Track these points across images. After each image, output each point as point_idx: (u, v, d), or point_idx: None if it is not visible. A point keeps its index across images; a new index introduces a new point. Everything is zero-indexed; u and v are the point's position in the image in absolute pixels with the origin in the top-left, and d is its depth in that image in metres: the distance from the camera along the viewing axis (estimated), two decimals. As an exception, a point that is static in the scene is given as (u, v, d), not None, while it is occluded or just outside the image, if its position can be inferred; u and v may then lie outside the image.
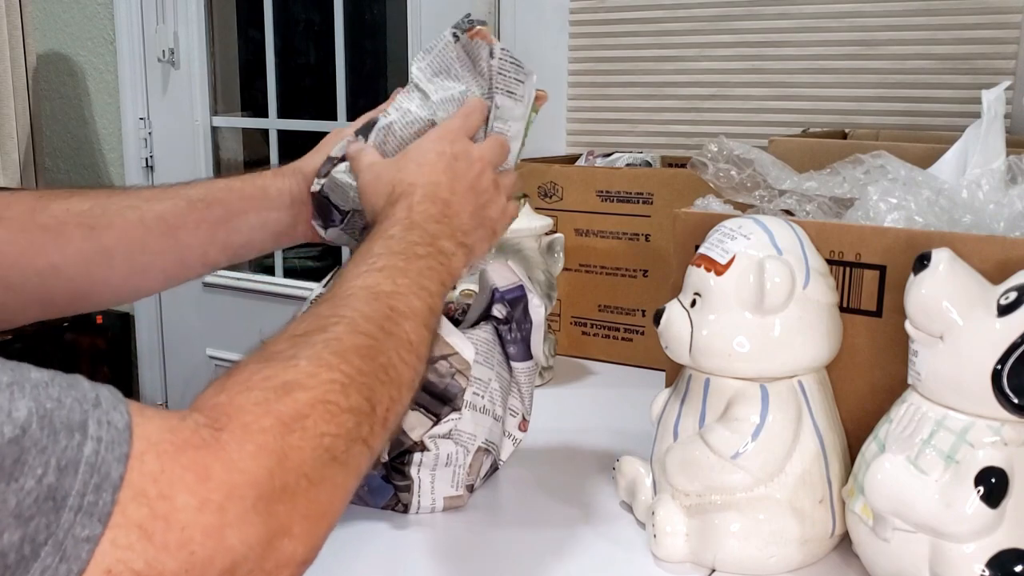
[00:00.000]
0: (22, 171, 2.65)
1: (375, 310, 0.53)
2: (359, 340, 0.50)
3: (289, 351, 0.47)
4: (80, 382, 0.38)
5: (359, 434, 0.47)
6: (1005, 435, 0.58)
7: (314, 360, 0.47)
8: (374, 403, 0.49)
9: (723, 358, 0.66)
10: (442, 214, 0.64)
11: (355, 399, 0.47)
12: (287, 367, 0.46)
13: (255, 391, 0.44)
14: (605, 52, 1.68)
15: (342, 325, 0.50)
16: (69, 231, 0.69)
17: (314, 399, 0.45)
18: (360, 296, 0.54)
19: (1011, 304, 0.56)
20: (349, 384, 0.47)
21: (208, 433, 0.41)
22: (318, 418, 0.44)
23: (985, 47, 1.40)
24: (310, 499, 0.43)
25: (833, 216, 0.75)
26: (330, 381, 0.46)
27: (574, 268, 1.19)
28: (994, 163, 0.72)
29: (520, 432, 0.84)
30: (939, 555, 0.59)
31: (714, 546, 0.66)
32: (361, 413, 0.47)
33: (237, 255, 0.77)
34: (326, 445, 0.44)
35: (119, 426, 0.37)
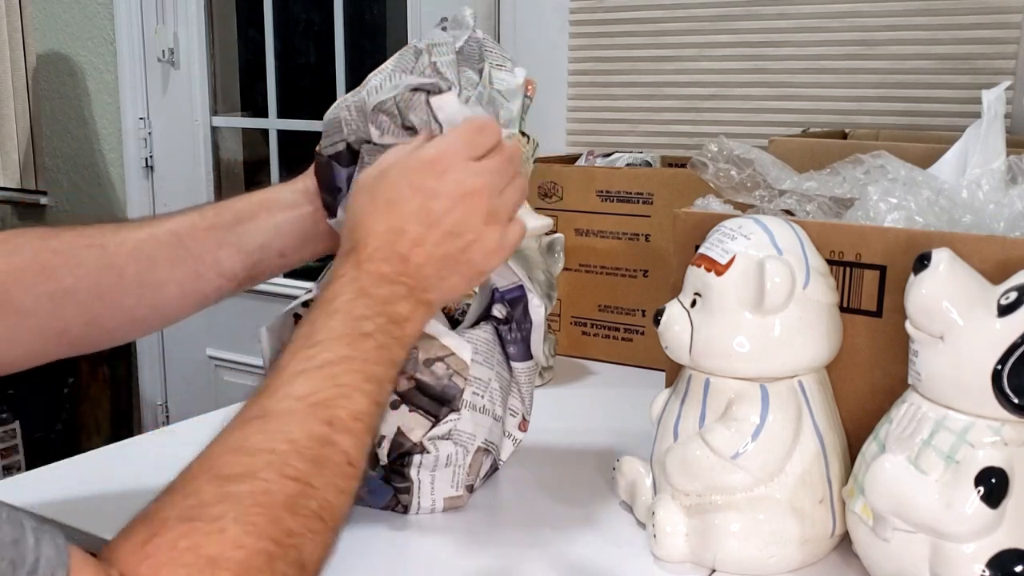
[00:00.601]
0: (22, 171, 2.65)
1: (309, 434, 0.49)
2: (289, 488, 0.47)
3: (216, 507, 0.45)
4: (25, 537, 0.37)
5: None
6: (1005, 435, 0.58)
7: (241, 523, 0.44)
8: (304, 563, 0.47)
9: (723, 358, 0.66)
10: (398, 273, 0.58)
11: (281, 568, 0.45)
12: (213, 533, 0.43)
13: (180, 567, 0.42)
14: (605, 52, 1.68)
15: (272, 469, 0.47)
16: (80, 253, 0.68)
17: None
18: (296, 414, 0.50)
19: (1011, 304, 0.56)
20: (276, 552, 0.45)
21: None
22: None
23: (985, 47, 1.40)
24: None
25: (833, 216, 0.75)
26: (256, 552, 0.44)
27: (574, 268, 1.19)
28: (994, 163, 0.72)
29: (520, 432, 0.84)
30: (939, 555, 0.59)
31: (714, 546, 0.66)
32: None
33: (257, 264, 0.73)
34: None
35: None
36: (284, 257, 0.74)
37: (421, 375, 0.72)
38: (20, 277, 0.65)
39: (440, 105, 0.65)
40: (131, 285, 0.69)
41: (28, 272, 0.66)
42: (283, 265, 0.74)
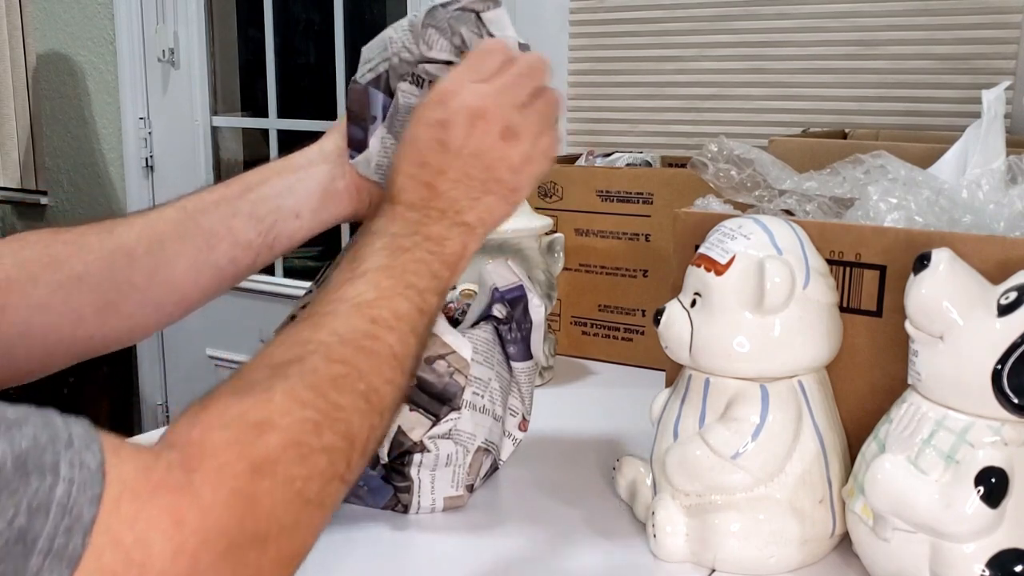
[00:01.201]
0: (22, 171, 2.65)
1: (354, 328, 0.51)
2: (336, 370, 0.49)
3: (265, 382, 0.46)
4: (53, 420, 0.38)
5: (334, 472, 0.46)
6: (1005, 435, 0.58)
7: (289, 395, 0.46)
8: (352, 437, 0.48)
9: (723, 358, 0.66)
10: (426, 200, 0.60)
11: (329, 438, 0.46)
12: (261, 402, 0.45)
13: (228, 429, 0.43)
14: (605, 52, 1.68)
15: (319, 354, 0.49)
16: (89, 240, 0.67)
17: (286, 441, 0.44)
18: (340, 313, 0.52)
19: (1011, 304, 0.56)
20: (323, 422, 0.46)
21: (181, 475, 0.40)
22: (289, 462, 0.44)
23: (985, 47, 1.40)
24: (281, 545, 0.43)
25: (833, 216, 0.75)
26: (303, 420, 0.45)
27: (574, 268, 1.19)
28: (994, 163, 0.72)
29: (520, 432, 0.84)
30: (939, 555, 0.59)
31: (714, 546, 0.66)
32: (336, 451, 0.46)
33: (272, 229, 0.70)
34: (297, 489, 0.44)
35: (91, 467, 0.37)
36: (300, 219, 0.71)
37: (422, 372, 0.72)
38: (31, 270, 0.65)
39: (491, 19, 0.68)
40: (142, 263, 0.68)
41: (38, 263, 0.65)
42: (301, 228, 0.72)
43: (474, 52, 0.64)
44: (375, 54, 0.71)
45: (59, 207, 2.53)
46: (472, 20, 0.68)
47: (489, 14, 0.68)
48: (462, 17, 0.68)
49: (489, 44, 0.65)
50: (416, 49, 0.69)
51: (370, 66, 0.71)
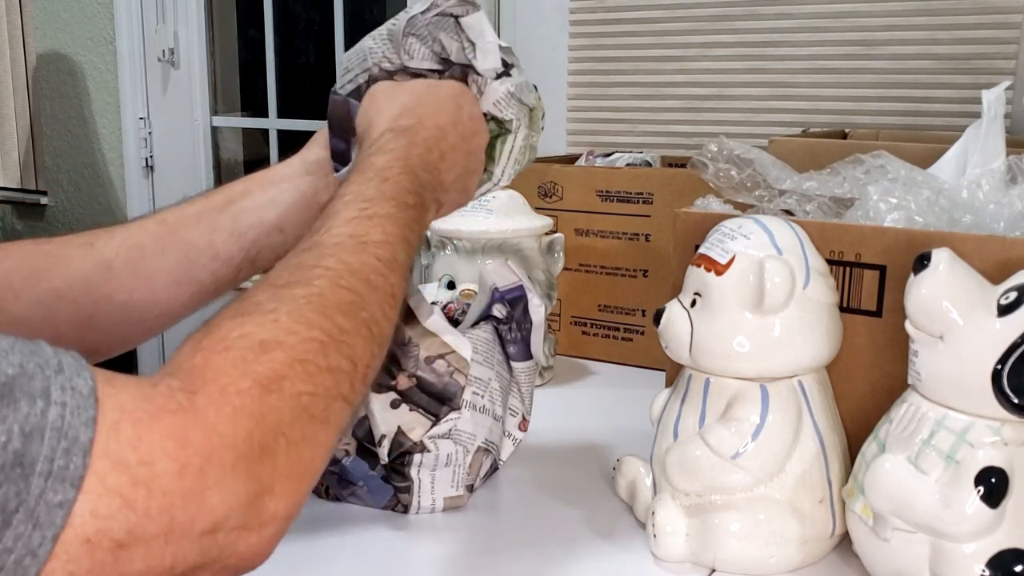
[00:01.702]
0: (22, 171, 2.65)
1: (362, 262, 0.52)
2: (342, 295, 0.49)
3: (269, 304, 0.46)
4: (42, 348, 0.38)
5: (339, 392, 0.46)
6: (1005, 435, 0.58)
7: (294, 316, 0.46)
8: (355, 360, 0.48)
9: (723, 358, 0.66)
10: (435, 166, 0.62)
11: (335, 358, 0.46)
12: (266, 323, 0.45)
13: (232, 351, 0.43)
14: (605, 52, 1.68)
15: (325, 279, 0.49)
16: (69, 252, 0.67)
17: (292, 358, 0.44)
18: (347, 246, 0.52)
19: (1011, 304, 0.56)
20: (329, 343, 0.46)
21: (184, 397, 0.40)
22: (296, 378, 0.44)
23: (985, 47, 1.40)
24: (290, 458, 0.43)
25: (833, 216, 0.75)
26: (309, 340, 0.45)
27: (574, 268, 1.19)
28: (994, 163, 0.72)
29: (520, 432, 0.84)
30: (939, 555, 0.59)
31: (714, 546, 0.66)
32: (341, 372, 0.46)
33: (255, 243, 0.70)
34: (304, 404, 0.44)
35: (83, 391, 0.37)
36: (284, 232, 0.71)
37: (422, 372, 0.72)
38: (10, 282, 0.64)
39: (470, 24, 0.68)
40: (121, 278, 0.67)
41: (18, 276, 0.65)
42: (284, 243, 0.71)
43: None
44: (354, 64, 0.71)
45: (59, 207, 2.53)
46: (451, 25, 0.68)
47: (468, 19, 0.68)
48: (440, 23, 0.68)
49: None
50: (396, 59, 0.69)
51: (349, 76, 0.71)
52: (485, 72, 0.68)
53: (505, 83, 0.68)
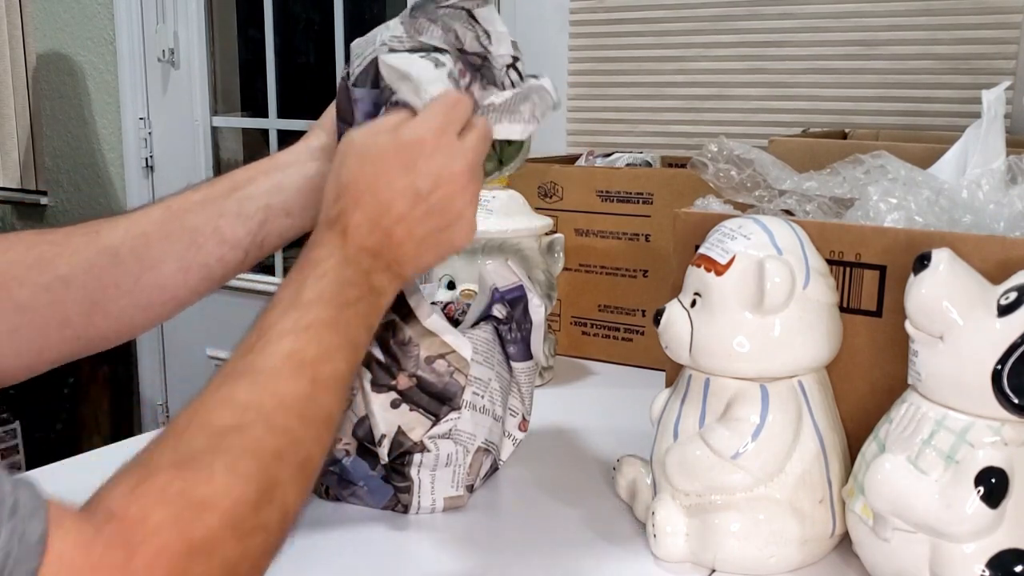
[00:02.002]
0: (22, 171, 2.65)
1: (296, 393, 0.51)
2: (278, 442, 0.48)
3: (206, 456, 0.45)
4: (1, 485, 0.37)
5: (267, 547, 0.46)
6: (1005, 435, 0.58)
7: (230, 471, 0.45)
8: (287, 511, 0.48)
9: (723, 358, 0.66)
10: (381, 245, 0.58)
11: (266, 514, 0.46)
12: (201, 480, 0.44)
13: (170, 507, 0.42)
14: (605, 52, 1.68)
15: (260, 424, 0.48)
16: (75, 240, 0.66)
17: (225, 522, 0.44)
18: (283, 371, 0.51)
19: (1011, 304, 0.56)
20: (262, 500, 0.46)
21: (121, 555, 0.39)
22: (226, 543, 0.44)
23: (985, 47, 1.40)
24: None
25: (833, 216, 0.75)
26: (243, 502, 0.45)
27: (574, 268, 1.19)
28: (994, 163, 0.72)
29: (520, 432, 0.84)
30: (939, 555, 0.59)
31: (714, 546, 0.66)
32: (271, 527, 0.47)
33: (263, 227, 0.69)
34: (231, 567, 0.44)
35: (31, 540, 0.36)
36: (291, 216, 0.70)
37: (422, 372, 0.72)
38: (15, 271, 0.64)
39: (484, 16, 0.67)
40: (128, 264, 0.67)
41: (23, 264, 0.64)
42: (292, 227, 0.71)
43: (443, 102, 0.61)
44: (364, 49, 0.70)
45: (59, 207, 2.53)
46: (464, 17, 0.67)
47: (482, 11, 0.67)
48: (454, 14, 0.67)
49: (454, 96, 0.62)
50: (407, 38, 0.68)
51: (359, 61, 0.69)
52: (499, 59, 0.67)
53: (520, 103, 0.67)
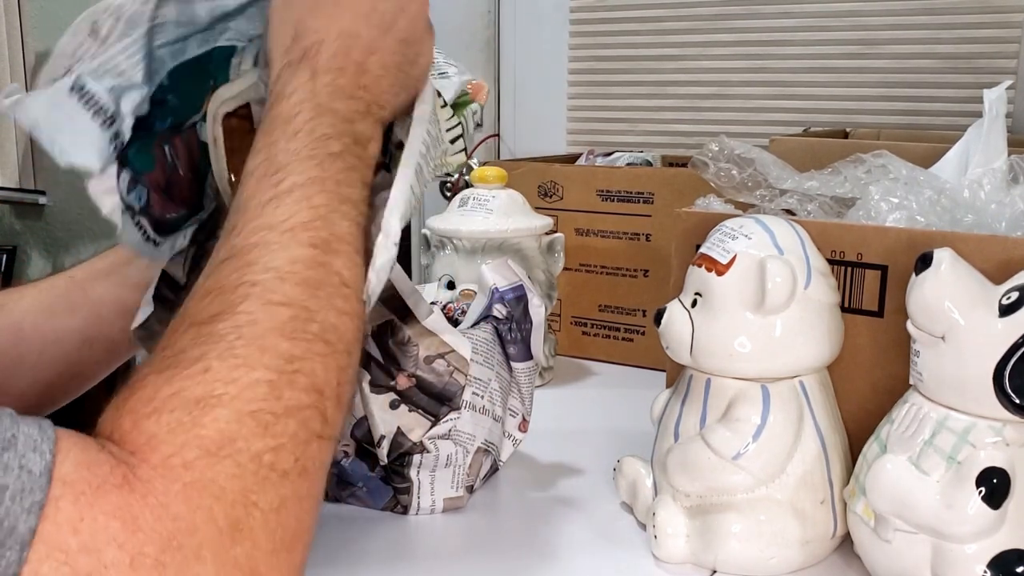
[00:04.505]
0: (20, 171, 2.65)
1: (292, 259, 0.43)
2: (279, 314, 0.41)
3: (194, 351, 0.39)
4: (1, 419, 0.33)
5: (309, 433, 0.39)
6: (1007, 436, 0.57)
7: (227, 359, 0.38)
8: (319, 388, 0.40)
9: (724, 358, 0.66)
10: (356, 84, 0.50)
11: (291, 396, 0.39)
12: (195, 374, 0.38)
13: (164, 413, 0.36)
14: (605, 51, 1.68)
15: (253, 299, 0.41)
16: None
17: (239, 412, 0.37)
18: (271, 242, 0.43)
19: (1013, 304, 0.56)
20: (278, 380, 0.39)
21: (126, 471, 0.34)
22: (250, 436, 0.37)
23: (987, 46, 1.40)
24: (270, 530, 0.37)
25: (834, 216, 0.75)
26: (254, 384, 0.38)
27: (574, 268, 1.18)
28: (996, 163, 0.72)
29: (520, 433, 0.84)
30: (941, 556, 0.59)
31: (715, 547, 0.66)
32: (304, 409, 0.39)
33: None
34: (269, 463, 0.37)
35: (34, 470, 0.31)
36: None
37: (422, 372, 0.72)
38: None
39: None
40: (31, 341, 0.63)
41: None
42: None
43: None
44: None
45: (58, 207, 2.52)
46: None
47: None
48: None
49: None
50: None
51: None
52: None
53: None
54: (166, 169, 0.60)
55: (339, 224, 0.46)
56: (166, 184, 0.60)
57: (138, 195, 0.59)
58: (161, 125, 0.59)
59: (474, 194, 1.07)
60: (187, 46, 0.57)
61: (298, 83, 0.49)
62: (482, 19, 1.78)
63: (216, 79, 0.58)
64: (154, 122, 0.58)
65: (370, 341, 0.70)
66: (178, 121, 0.60)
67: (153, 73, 0.56)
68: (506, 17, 1.75)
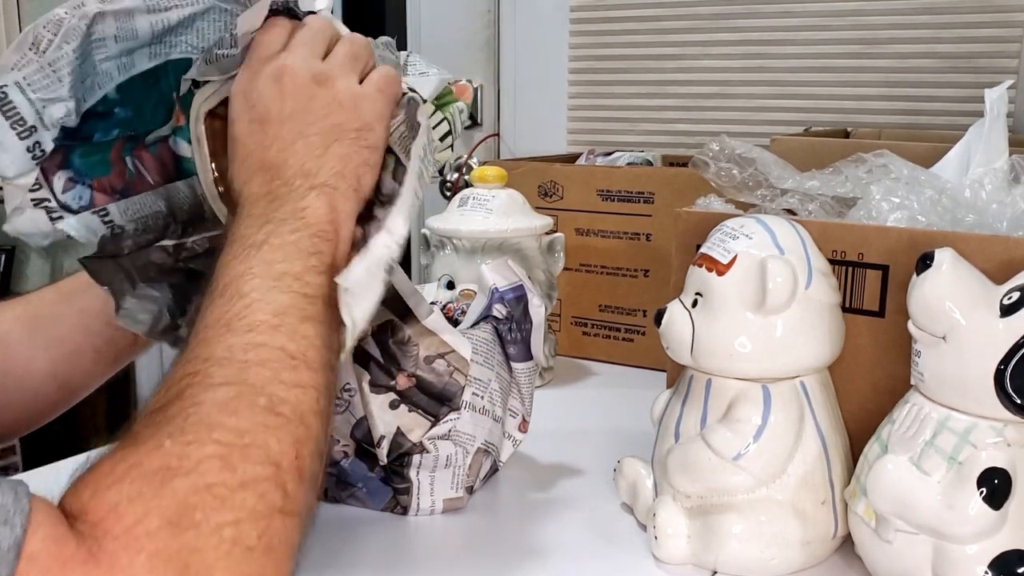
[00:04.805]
0: (22, 170, 2.65)
1: (229, 346, 0.45)
2: (221, 393, 0.42)
3: (146, 433, 0.40)
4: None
5: (269, 507, 0.39)
6: (1008, 436, 0.57)
7: (178, 438, 0.39)
8: (275, 461, 0.41)
9: (725, 358, 0.66)
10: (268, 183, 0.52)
11: (245, 469, 0.39)
12: (150, 451, 0.38)
13: (124, 483, 0.37)
14: (606, 50, 1.68)
15: (195, 385, 0.42)
16: None
17: (195, 487, 0.37)
18: (210, 338, 0.45)
19: (1014, 304, 0.56)
20: (230, 454, 0.39)
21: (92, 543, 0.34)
22: (207, 508, 0.37)
23: (988, 46, 1.40)
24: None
25: (835, 216, 0.75)
26: (206, 459, 0.39)
27: (574, 268, 1.18)
28: (997, 162, 0.72)
29: (520, 433, 0.84)
30: (941, 556, 0.58)
31: (715, 548, 0.66)
32: (260, 481, 0.40)
33: None
34: (230, 538, 0.37)
35: (3, 545, 0.32)
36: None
37: (422, 372, 0.72)
38: None
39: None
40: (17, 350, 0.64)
41: None
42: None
43: (253, 46, 0.56)
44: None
45: (59, 207, 2.52)
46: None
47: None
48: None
49: (260, 35, 0.56)
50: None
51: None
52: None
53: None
54: (125, 176, 0.62)
55: (277, 299, 0.47)
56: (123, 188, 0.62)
57: (77, 195, 0.60)
58: (103, 136, 0.60)
59: (474, 194, 1.06)
60: (135, 60, 0.58)
61: (227, 226, 0.53)
62: (482, 19, 1.78)
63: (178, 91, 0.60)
64: (93, 133, 0.60)
65: (370, 341, 0.70)
66: (130, 133, 0.61)
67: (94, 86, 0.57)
68: (506, 17, 1.75)
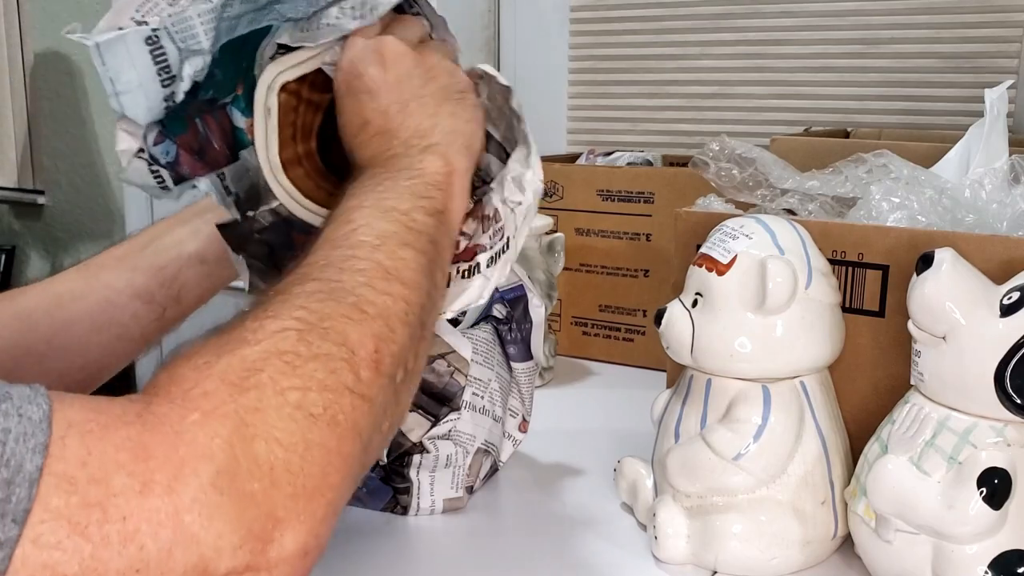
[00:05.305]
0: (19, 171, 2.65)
1: (329, 258, 0.45)
2: (311, 287, 0.42)
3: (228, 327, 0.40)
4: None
5: (338, 383, 0.39)
6: (1008, 436, 0.57)
7: (258, 315, 0.39)
8: (351, 346, 0.40)
9: (725, 359, 0.66)
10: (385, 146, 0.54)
11: (320, 345, 0.39)
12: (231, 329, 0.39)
13: (192, 358, 0.37)
14: (606, 50, 1.68)
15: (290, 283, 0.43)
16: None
17: (265, 352, 0.37)
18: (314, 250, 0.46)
19: (1014, 304, 0.56)
20: (307, 331, 0.39)
21: (140, 407, 0.34)
22: (274, 371, 0.37)
23: (988, 46, 1.39)
24: (293, 471, 0.35)
25: (835, 216, 0.75)
26: (281, 330, 0.38)
27: (574, 268, 1.18)
28: (997, 162, 0.72)
29: (520, 433, 0.84)
30: (942, 556, 0.59)
31: (716, 548, 0.66)
32: (334, 359, 0.39)
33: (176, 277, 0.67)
34: (294, 402, 0.37)
35: (34, 417, 0.32)
36: (206, 264, 0.67)
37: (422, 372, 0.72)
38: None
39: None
40: (41, 327, 0.63)
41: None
42: (208, 275, 0.67)
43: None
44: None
45: (57, 207, 2.52)
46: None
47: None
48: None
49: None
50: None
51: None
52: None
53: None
54: (199, 138, 0.61)
55: (379, 228, 0.47)
56: (199, 149, 0.62)
57: (165, 150, 0.61)
58: (203, 95, 0.59)
59: (474, 194, 1.06)
60: (239, 24, 0.57)
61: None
62: (482, 19, 1.78)
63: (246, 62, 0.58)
64: (198, 91, 0.59)
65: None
66: (215, 96, 0.60)
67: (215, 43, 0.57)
68: (506, 17, 1.75)
